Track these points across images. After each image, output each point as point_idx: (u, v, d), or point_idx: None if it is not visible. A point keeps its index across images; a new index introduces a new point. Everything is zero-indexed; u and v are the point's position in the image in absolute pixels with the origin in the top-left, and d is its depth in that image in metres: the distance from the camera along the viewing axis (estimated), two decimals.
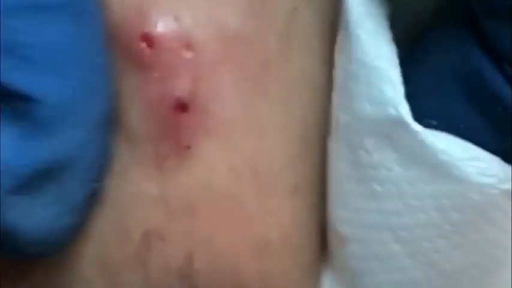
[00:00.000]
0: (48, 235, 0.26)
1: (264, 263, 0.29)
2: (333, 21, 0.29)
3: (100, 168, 0.27)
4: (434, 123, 0.27)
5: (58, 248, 0.27)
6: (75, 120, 0.25)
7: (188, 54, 0.27)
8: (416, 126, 0.27)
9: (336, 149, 0.29)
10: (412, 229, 0.28)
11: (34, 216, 0.25)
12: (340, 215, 0.29)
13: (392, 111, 0.27)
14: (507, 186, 0.26)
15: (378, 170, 0.28)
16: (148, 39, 0.27)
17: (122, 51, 0.27)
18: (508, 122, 0.26)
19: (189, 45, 0.27)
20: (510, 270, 0.29)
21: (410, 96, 0.27)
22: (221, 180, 0.28)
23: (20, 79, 0.24)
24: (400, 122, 0.27)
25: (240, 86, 0.28)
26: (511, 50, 0.25)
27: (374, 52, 0.27)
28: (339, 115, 0.28)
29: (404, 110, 0.27)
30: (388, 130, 0.27)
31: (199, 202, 0.28)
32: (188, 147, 0.28)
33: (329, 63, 0.29)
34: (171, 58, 0.27)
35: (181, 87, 0.27)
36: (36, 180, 0.25)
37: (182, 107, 0.27)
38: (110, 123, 0.27)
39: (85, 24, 0.25)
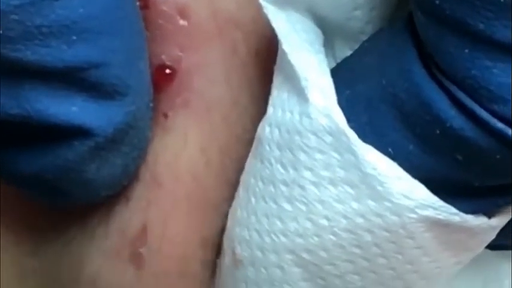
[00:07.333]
0: (121, 179, 0.27)
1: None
2: None
3: None
4: None
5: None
6: (136, 79, 0.25)
7: (181, 22, 0.27)
8: (350, 133, 0.26)
9: (251, 164, 0.28)
10: (316, 251, 0.27)
11: (113, 164, 0.26)
12: (240, 236, 0.29)
13: (323, 120, 0.26)
14: (426, 212, 0.26)
15: (292, 188, 0.27)
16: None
17: None
18: (444, 146, 0.25)
19: (183, 13, 0.27)
20: None
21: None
22: (190, 160, 0.27)
23: (83, 51, 0.24)
24: (332, 130, 0.26)
25: (228, 68, 0.28)
26: (456, 68, 0.24)
27: (300, 64, 0.27)
28: (265, 126, 0.27)
29: (338, 117, 0.26)
30: (316, 141, 0.26)
31: (164, 176, 0.27)
32: (165, 116, 0.27)
33: None
34: (163, 21, 0.27)
35: (168, 52, 0.27)
36: (118, 136, 0.25)
37: (166, 73, 0.27)
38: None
39: None
